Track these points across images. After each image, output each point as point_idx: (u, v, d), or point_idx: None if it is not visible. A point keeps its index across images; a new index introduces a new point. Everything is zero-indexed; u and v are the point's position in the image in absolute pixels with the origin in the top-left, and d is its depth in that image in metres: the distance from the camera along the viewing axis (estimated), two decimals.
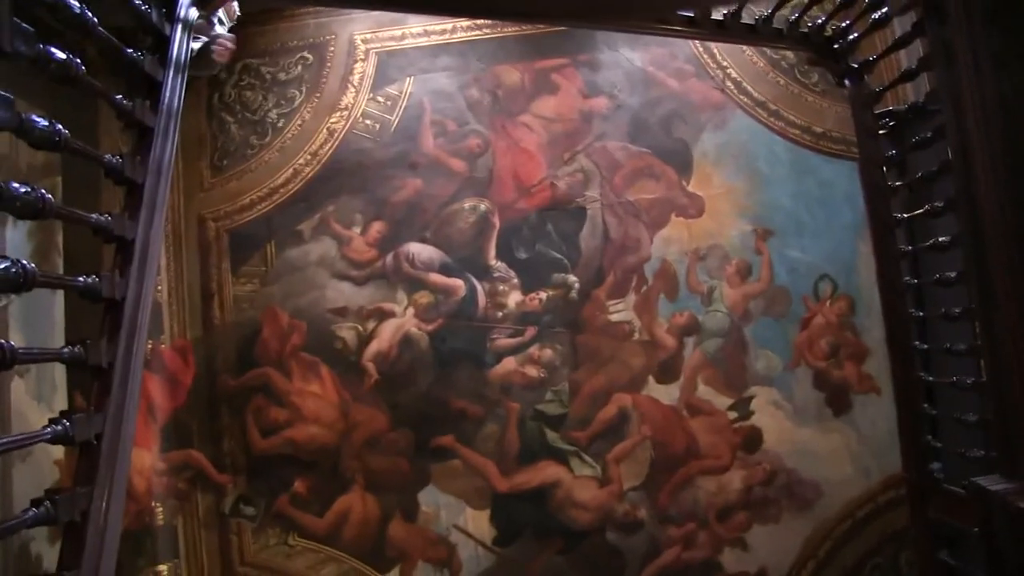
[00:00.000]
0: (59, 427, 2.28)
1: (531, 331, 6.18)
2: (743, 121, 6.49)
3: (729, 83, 6.50)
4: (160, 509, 5.75)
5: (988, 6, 3.16)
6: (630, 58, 6.48)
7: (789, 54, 6.41)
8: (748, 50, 6.44)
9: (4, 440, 2.06)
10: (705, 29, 3.99)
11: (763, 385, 6.31)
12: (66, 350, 2.38)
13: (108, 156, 2.58)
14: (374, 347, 6.11)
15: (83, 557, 2.26)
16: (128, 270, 2.59)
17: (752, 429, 6.23)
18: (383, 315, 6.13)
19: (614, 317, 6.28)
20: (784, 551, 6.11)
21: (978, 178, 3.22)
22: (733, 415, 6.28)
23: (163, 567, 5.72)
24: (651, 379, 6.26)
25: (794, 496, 6.18)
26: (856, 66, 4.28)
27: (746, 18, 4.03)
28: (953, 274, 3.65)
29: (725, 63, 6.52)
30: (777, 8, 3.94)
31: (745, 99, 6.50)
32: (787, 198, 6.42)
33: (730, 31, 4.04)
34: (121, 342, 2.48)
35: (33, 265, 2.21)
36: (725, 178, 6.44)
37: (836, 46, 4.27)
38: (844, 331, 6.34)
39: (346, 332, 6.10)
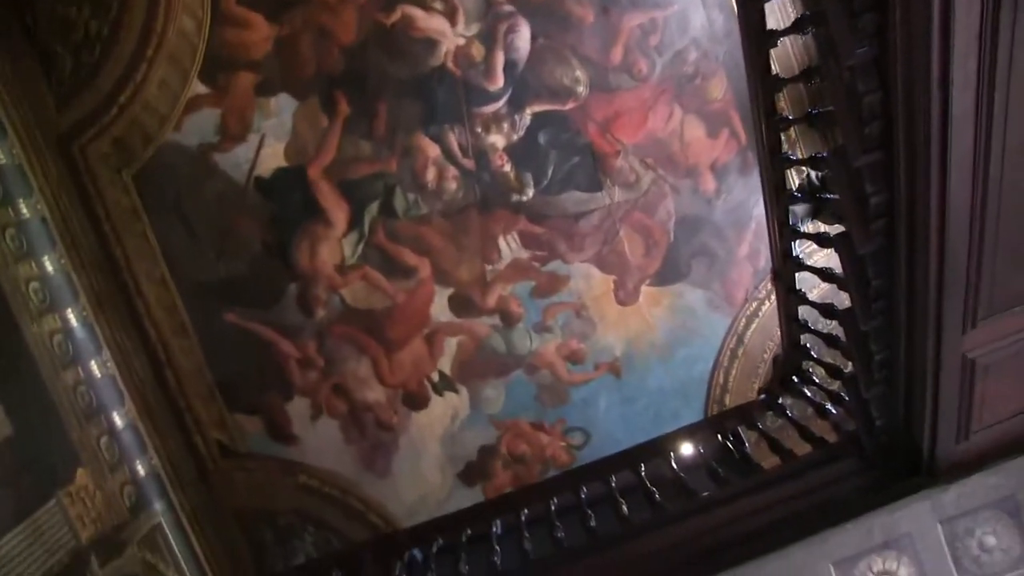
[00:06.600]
0: None
1: (469, 163, 6.17)
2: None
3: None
4: None
5: None
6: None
7: None
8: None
9: None
10: None
11: (472, 402, 6.52)
12: None
13: None
14: (420, 15, 6.02)
15: None
16: None
17: (425, 396, 6.43)
18: (450, 12, 6.02)
19: (500, 243, 6.32)
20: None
21: None
22: (436, 378, 6.45)
23: None
24: (450, 292, 6.38)
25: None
26: None
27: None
28: None
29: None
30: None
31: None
32: (655, 385, 6.53)
33: None
34: None
35: None
36: (661, 322, 6.48)
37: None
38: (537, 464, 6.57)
39: None
